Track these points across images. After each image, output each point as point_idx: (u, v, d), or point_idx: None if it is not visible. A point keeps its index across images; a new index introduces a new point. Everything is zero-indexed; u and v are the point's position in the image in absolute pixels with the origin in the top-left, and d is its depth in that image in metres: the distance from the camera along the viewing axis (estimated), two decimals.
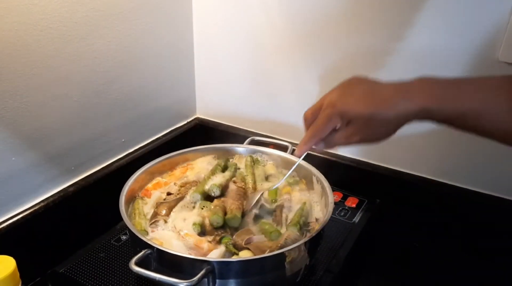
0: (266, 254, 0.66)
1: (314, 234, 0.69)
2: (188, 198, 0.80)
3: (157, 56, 1.01)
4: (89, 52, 0.84)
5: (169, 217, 0.77)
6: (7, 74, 0.72)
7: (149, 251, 0.65)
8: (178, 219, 0.76)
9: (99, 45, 0.86)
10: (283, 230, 0.74)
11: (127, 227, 0.70)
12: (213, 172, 0.86)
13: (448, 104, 0.53)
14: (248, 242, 0.71)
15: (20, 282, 0.55)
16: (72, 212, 0.86)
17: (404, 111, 0.55)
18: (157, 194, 0.82)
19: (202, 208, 0.78)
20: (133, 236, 0.69)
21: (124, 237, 0.86)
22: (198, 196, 0.80)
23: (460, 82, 0.55)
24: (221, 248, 0.70)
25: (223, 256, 0.70)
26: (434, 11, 0.81)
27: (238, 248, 0.71)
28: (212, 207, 0.77)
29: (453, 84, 0.54)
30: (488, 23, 0.77)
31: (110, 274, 0.78)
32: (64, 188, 0.86)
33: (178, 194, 0.82)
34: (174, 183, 0.86)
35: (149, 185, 0.84)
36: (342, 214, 0.93)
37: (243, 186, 0.83)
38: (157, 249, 0.65)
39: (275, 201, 0.81)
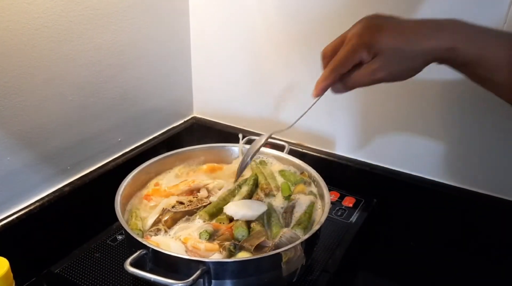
0: (262, 255, 0.66)
1: (310, 234, 0.69)
2: (197, 216, 0.77)
3: (153, 55, 1.00)
4: (84, 51, 0.84)
5: (171, 229, 0.75)
6: (2, 73, 0.71)
7: (144, 252, 0.65)
8: (183, 231, 0.74)
9: (94, 44, 0.85)
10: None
11: (123, 227, 0.69)
12: (231, 193, 0.82)
13: (475, 47, 0.52)
14: (263, 245, 0.70)
15: (14, 283, 0.54)
16: (67, 212, 0.86)
17: (434, 46, 0.53)
18: (165, 202, 0.80)
19: (221, 223, 0.76)
20: (128, 236, 0.69)
21: (120, 237, 0.86)
22: (207, 217, 0.77)
23: (491, 30, 0.54)
24: (222, 253, 0.70)
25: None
26: (432, 8, 0.81)
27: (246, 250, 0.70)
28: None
29: (482, 30, 0.54)
30: (486, 18, 0.77)
31: (106, 274, 0.77)
32: (59, 188, 0.85)
33: (188, 205, 0.79)
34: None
35: (149, 191, 0.83)
36: (339, 213, 0.92)
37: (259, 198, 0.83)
38: (153, 249, 0.64)
39: (288, 197, 0.82)
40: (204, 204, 0.80)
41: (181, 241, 0.71)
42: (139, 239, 0.66)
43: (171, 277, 0.60)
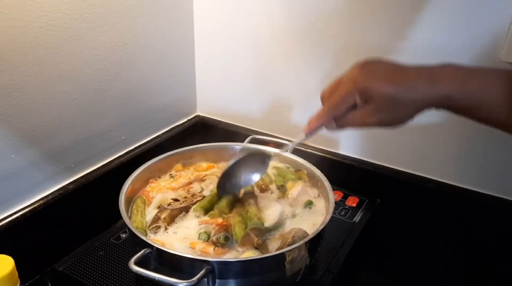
0: (266, 254, 0.66)
1: (314, 234, 0.69)
2: (191, 210, 0.79)
3: (157, 54, 1.00)
4: (89, 49, 0.84)
5: (170, 226, 0.76)
6: (7, 71, 0.71)
7: (148, 251, 0.65)
8: (182, 228, 0.75)
9: (99, 43, 0.85)
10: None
11: (127, 226, 0.69)
12: None
13: (470, 93, 0.52)
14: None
15: (19, 282, 0.54)
16: (71, 210, 0.86)
17: (428, 95, 0.53)
18: (160, 197, 0.81)
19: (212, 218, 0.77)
20: (133, 235, 0.69)
21: (123, 236, 0.86)
22: (201, 212, 0.78)
23: (482, 71, 0.53)
24: (231, 253, 0.70)
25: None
26: (437, 9, 0.81)
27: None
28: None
29: (475, 73, 0.53)
30: (491, 23, 0.77)
31: (110, 273, 0.77)
32: (63, 186, 0.85)
33: (183, 202, 0.80)
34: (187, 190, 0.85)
35: (147, 188, 0.84)
36: (342, 213, 0.92)
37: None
38: (157, 248, 0.65)
39: (282, 186, 0.84)
40: (198, 199, 0.81)
41: (186, 243, 0.72)
42: (144, 238, 0.66)
43: (176, 276, 0.60)
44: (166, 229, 0.75)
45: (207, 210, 0.78)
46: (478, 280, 0.85)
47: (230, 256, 0.69)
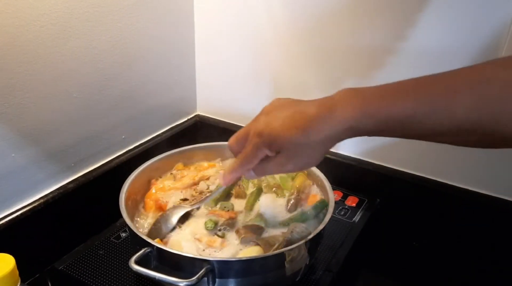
0: (266, 254, 0.67)
1: (314, 234, 0.69)
2: (202, 207, 0.80)
3: (158, 53, 1.00)
4: (89, 49, 0.84)
5: (183, 224, 0.77)
6: (7, 70, 0.71)
7: (149, 250, 0.65)
8: (193, 224, 0.77)
9: (100, 42, 0.85)
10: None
11: (127, 225, 0.70)
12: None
13: (372, 116, 0.50)
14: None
15: (19, 281, 0.54)
16: (71, 209, 0.86)
17: (330, 133, 0.53)
18: (172, 201, 0.82)
19: (224, 209, 0.78)
20: (133, 234, 0.69)
21: (123, 235, 0.86)
22: (212, 204, 0.80)
23: (384, 89, 0.51)
24: (232, 247, 0.71)
25: (235, 254, 0.70)
26: (438, 11, 0.81)
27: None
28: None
29: (376, 93, 0.51)
30: (492, 23, 0.77)
31: (110, 272, 0.78)
32: (64, 185, 0.85)
33: (193, 200, 0.81)
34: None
35: (153, 190, 0.85)
36: (342, 213, 0.92)
37: None
38: (157, 247, 0.65)
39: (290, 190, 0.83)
40: (207, 195, 0.81)
41: (197, 239, 0.73)
42: (144, 237, 0.66)
43: (176, 276, 0.60)
44: (180, 227, 0.76)
45: (217, 202, 0.80)
46: (478, 280, 0.85)
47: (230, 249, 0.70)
